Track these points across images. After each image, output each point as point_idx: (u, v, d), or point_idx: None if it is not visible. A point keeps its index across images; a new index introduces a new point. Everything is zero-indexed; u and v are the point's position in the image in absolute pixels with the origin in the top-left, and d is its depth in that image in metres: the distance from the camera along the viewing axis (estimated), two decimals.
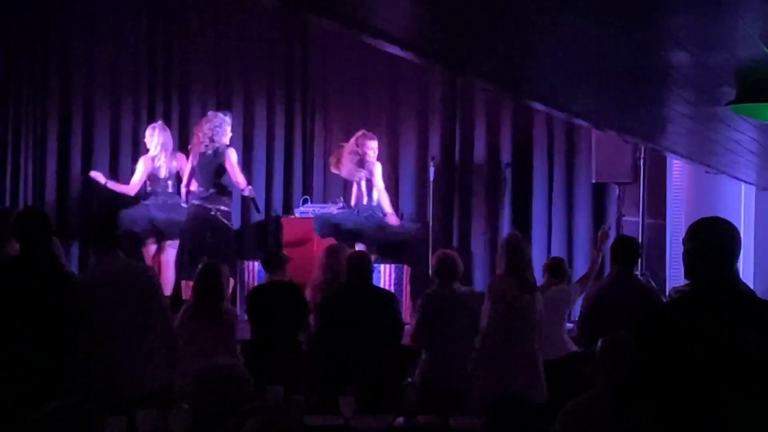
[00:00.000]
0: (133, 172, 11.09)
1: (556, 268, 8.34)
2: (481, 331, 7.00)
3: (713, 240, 3.87)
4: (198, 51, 12.09)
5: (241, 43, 12.07)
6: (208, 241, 10.11)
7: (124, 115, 12.06)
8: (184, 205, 10.55)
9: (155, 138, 10.72)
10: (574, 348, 7.91)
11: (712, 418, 3.70)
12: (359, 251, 7.66)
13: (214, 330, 6.90)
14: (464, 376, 6.97)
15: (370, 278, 7.28)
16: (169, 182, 10.78)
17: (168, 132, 10.90)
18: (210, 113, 10.64)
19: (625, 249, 7.17)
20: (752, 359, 3.69)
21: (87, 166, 11.93)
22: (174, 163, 10.81)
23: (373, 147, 10.48)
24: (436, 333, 7.15)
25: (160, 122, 11.02)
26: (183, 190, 10.60)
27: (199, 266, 7.42)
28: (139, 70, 12.12)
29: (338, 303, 7.17)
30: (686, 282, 4.13)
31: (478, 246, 11.61)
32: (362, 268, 7.19)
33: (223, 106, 11.97)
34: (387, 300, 7.35)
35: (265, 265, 8.02)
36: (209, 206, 10.21)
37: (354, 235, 10.11)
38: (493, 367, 6.91)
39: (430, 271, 8.06)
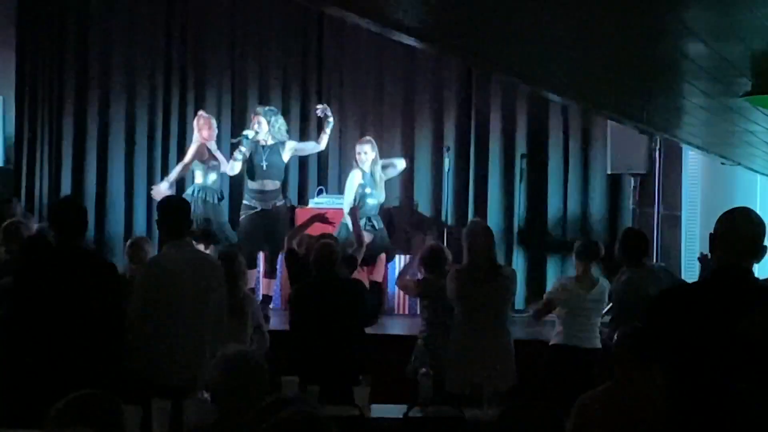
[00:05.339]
0: (148, 165, 11.14)
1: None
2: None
3: (733, 230, 3.91)
4: (214, 43, 12.10)
5: (257, 34, 12.09)
6: None
7: (138, 105, 12.10)
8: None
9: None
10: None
11: (711, 403, 3.76)
12: (325, 242, 7.45)
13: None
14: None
15: (337, 270, 7.21)
16: None
17: None
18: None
19: (635, 243, 7.14)
20: (756, 347, 3.72)
21: (103, 161, 12.03)
22: None
23: (360, 150, 10.12)
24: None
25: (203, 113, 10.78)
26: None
27: (217, 253, 7.36)
28: (156, 64, 12.15)
29: (307, 297, 7.11)
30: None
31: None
32: (329, 261, 7.13)
33: (238, 97, 12.00)
34: (356, 290, 7.30)
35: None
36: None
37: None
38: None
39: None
